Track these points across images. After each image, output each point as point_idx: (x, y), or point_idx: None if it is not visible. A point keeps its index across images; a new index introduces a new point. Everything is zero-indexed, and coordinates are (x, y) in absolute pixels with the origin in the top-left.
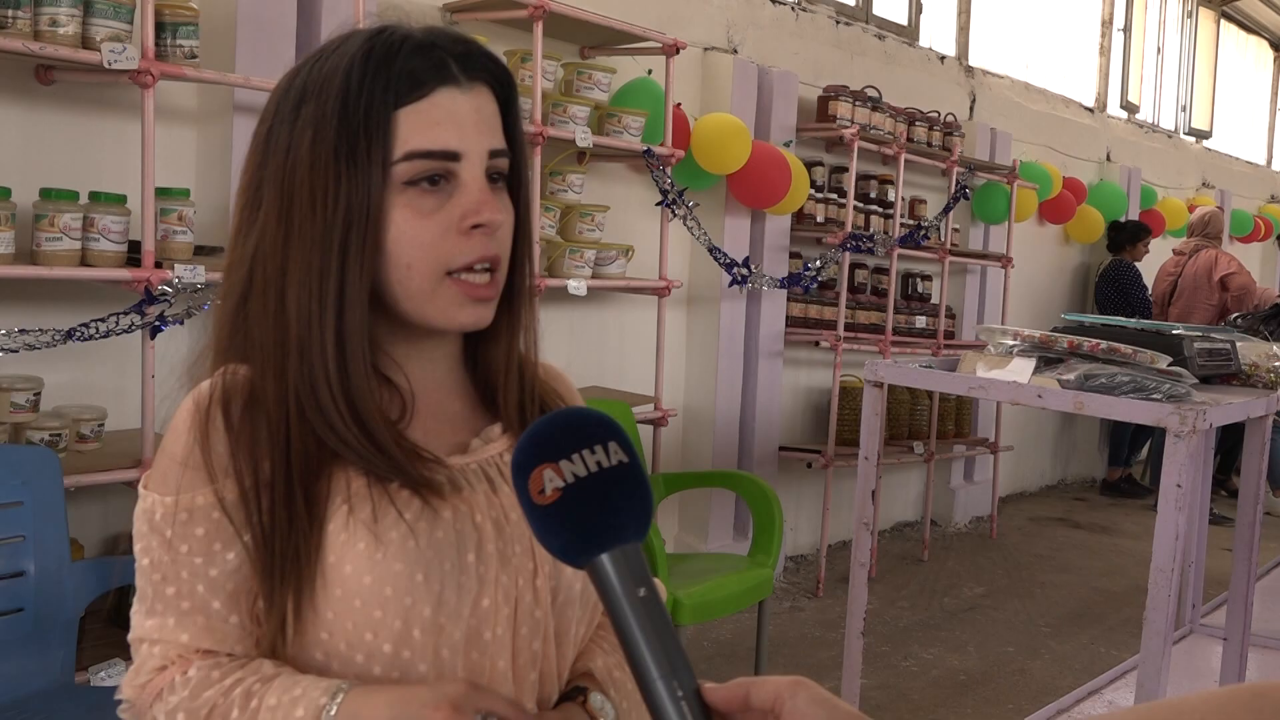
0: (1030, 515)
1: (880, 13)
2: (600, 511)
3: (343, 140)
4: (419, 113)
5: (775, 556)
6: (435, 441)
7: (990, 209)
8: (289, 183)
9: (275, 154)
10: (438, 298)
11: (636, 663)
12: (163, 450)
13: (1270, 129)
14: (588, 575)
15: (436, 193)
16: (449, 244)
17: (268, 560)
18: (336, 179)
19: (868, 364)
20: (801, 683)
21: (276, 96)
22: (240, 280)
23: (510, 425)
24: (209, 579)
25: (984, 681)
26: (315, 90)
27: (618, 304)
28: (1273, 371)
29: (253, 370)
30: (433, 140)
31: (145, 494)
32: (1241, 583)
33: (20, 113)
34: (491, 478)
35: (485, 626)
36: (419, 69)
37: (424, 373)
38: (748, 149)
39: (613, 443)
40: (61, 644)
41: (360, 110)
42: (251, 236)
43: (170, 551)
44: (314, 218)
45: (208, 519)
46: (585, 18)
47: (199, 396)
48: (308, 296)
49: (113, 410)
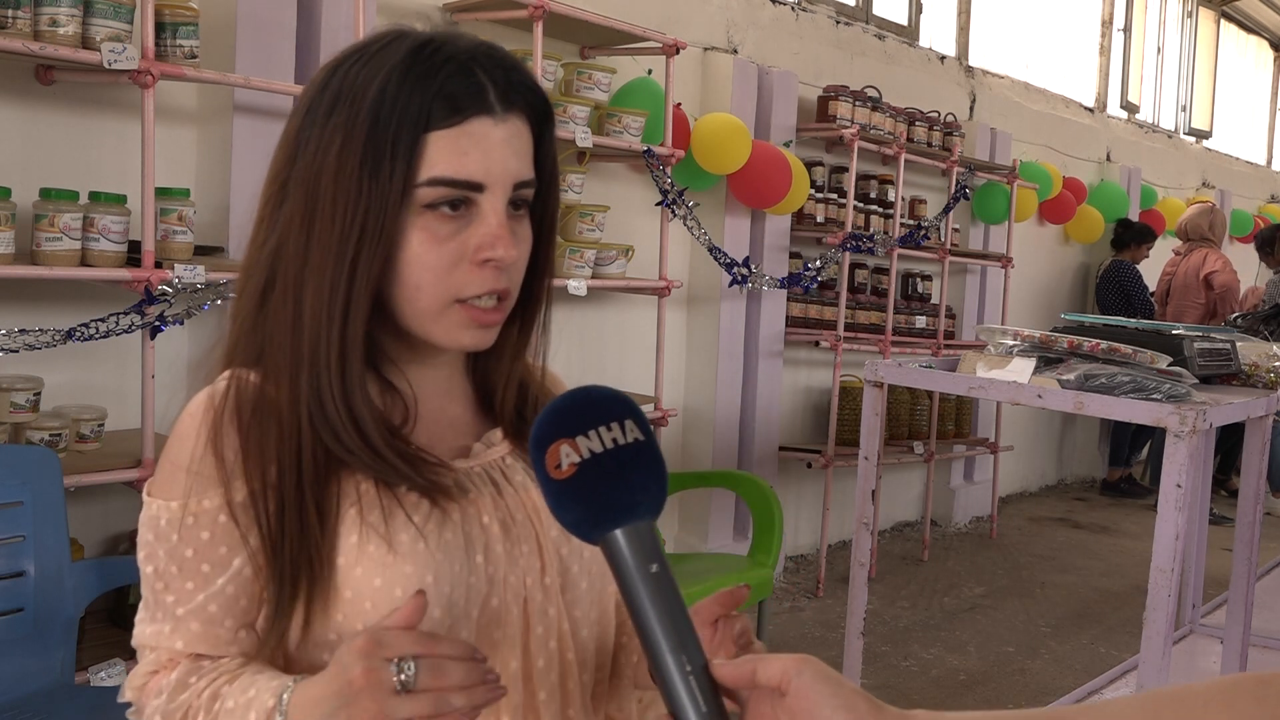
0: (1030, 515)
1: (880, 13)
2: (615, 488)
3: (368, 154)
4: (449, 139)
5: (775, 556)
6: (438, 445)
7: (990, 209)
8: (314, 186)
9: (304, 154)
10: (443, 320)
11: (647, 638)
12: (167, 456)
13: (1270, 129)
14: (601, 550)
15: (455, 219)
16: (460, 273)
17: (278, 566)
18: (358, 191)
19: (868, 364)
20: (808, 660)
21: (311, 93)
22: (259, 279)
23: (509, 431)
24: (211, 584)
25: (984, 681)
26: (350, 95)
27: (618, 304)
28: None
29: (265, 373)
30: (458, 169)
31: (150, 500)
32: (1241, 583)
33: (20, 113)
34: (496, 480)
35: (495, 626)
36: (456, 94)
37: (426, 378)
38: (748, 149)
39: (629, 420)
40: (61, 644)
41: (391, 127)
42: (274, 236)
43: (174, 558)
44: (332, 227)
45: (214, 523)
46: (585, 18)
47: (212, 399)
48: (320, 306)
49: (113, 410)
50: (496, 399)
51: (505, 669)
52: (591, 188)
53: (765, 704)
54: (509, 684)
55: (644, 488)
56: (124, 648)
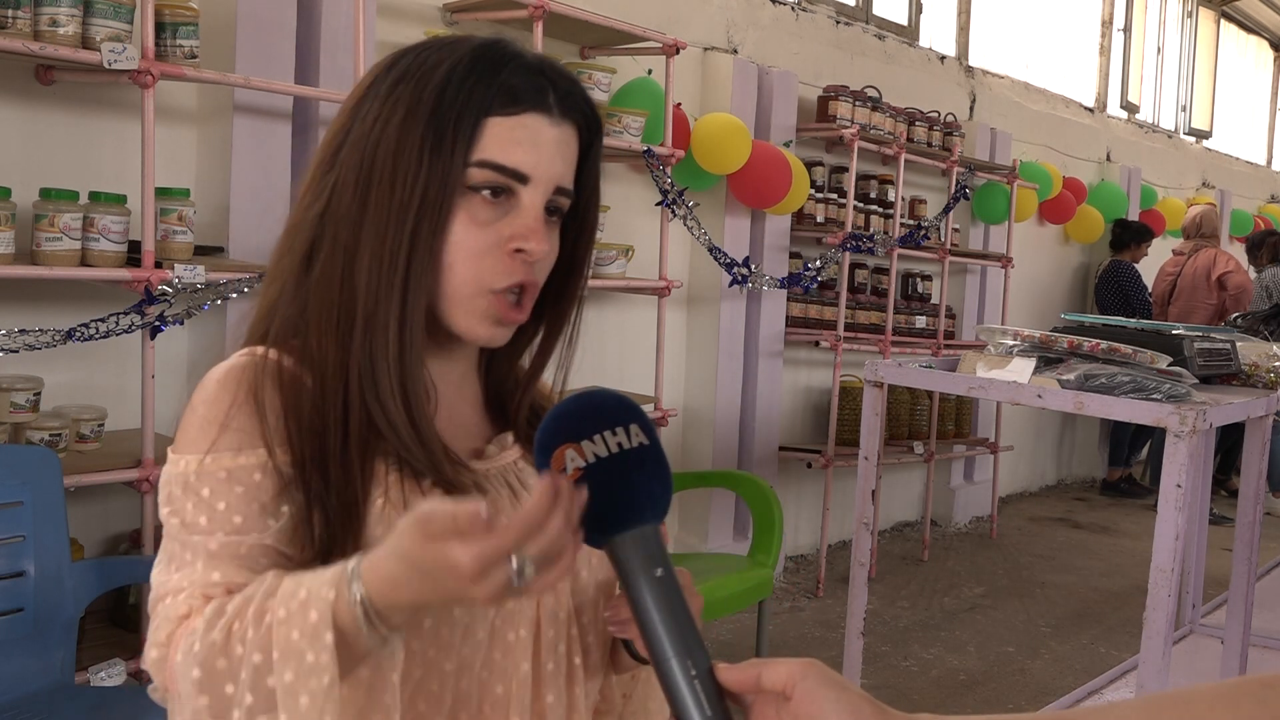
0: (1030, 515)
1: (880, 13)
2: (620, 492)
3: (430, 129)
4: (506, 126)
5: (775, 556)
6: (452, 444)
7: (990, 209)
8: (371, 153)
9: (362, 121)
10: (469, 306)
11: (651, 642)
12: (192, 417)
13: (1270, 129)
14: (606, 554)
15: (495, 205)
16: (491, 260)
17: (320, 538)
18: (419, 164)
19: (868, 364)
20: (813, 664)
21: (376, 71)
22: (305, 240)
23: (520, 436)
24: (245, 534)
25: (984, 681)
26: (416, 75)
27: (618, 304)
28: (1273, 371)
29: (310, 334)
30: (508, 156)
31: (176, 457)
32: (1241, 583)
33: (20, 113)
34: (511, 484)
35: (509, 627)
36: (520, 87)
37: (444, 372)
38: (748, 149)
39: (634, 425)
40: (61, 644)
41: (456, 105)
42: (322, 198)
43: (203, 509)
44: (391, 195)
45: (249, 479)
46: (585, 18)
47: (236, 365)
48: (378, 271)
49: (113, 410)
50: (511, 403)
51: (516, 671)
52: None
53: (770, 708)
54: (519, 687)
55: (649, 492)
56: (124, 648)
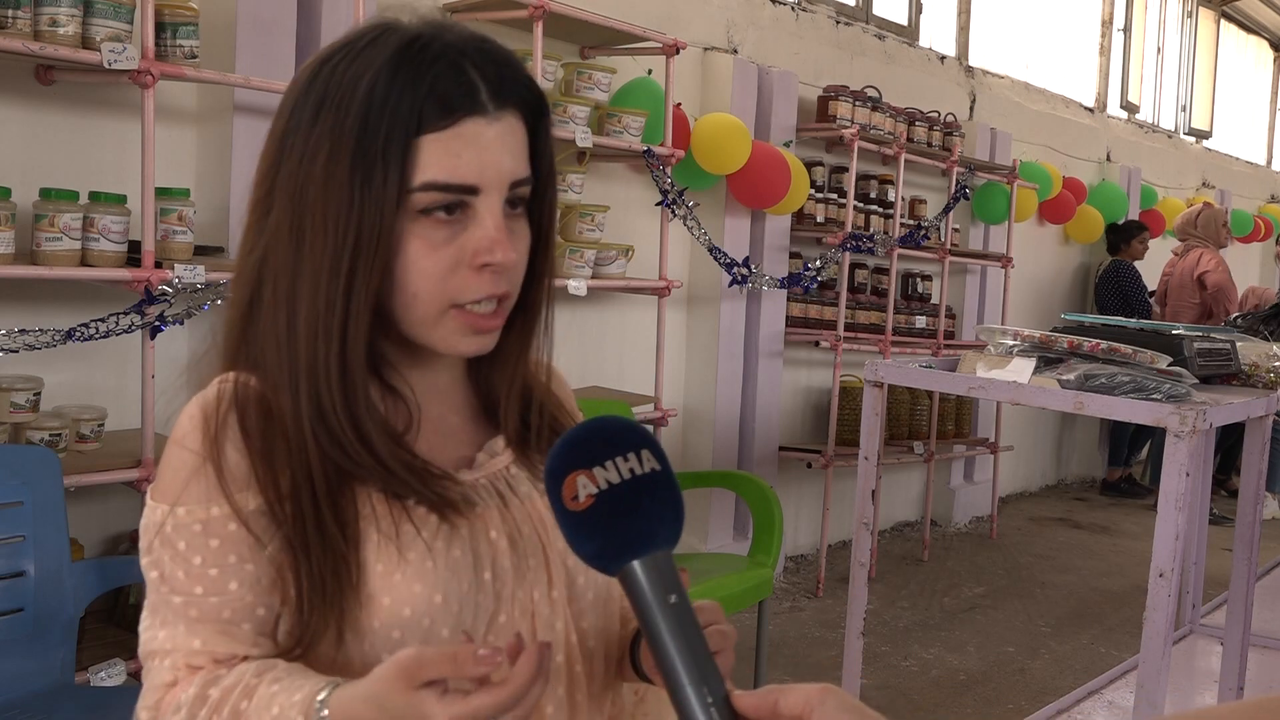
0: (1030, 515)
1: (880, 13)
2: (632, 518)
3: (358, 162)
4: (441, 141)
5: (775, 556)
6: (439, 455)
7: (990, 209)
8: (301, 196)
9: (289, 160)
10: (441, 326)
11: (667, 669)
12: (168, 460)
13: (1270, 129)
14: (619, 582)
15: (450, 223)
16: (458, 279)
17: (306, 576)
18: (350, 202)
19: (868, 364)
20: (830, 690)
21: (295, 94)
22: (248, 290)
23: (512, 440)
24: (223, 589)
25: (984, 681)
26: (335, 99)
27: (618, 304)
28: (1273, 371)
29: (264, 384)
30: (452, 173)
31: (153, 505)
32: (1241, 583)
33: (20, 113)
34: (502, 492)
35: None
36: (447, 94)
37: (427, 384)
38: (748, 149)
39: (645, 450)
40: (61, 644)
41: (381, 133)
42: (260, 246)
43: (180, 564)
44: (325, 239)
45: (223, 530)
46: (585, 18)
47: (207, 404)
48: (316, 320)
49: (113, 410)
50: (500, 407)
51: None
52: (591, 188)
53: None
54: None
55: (661, 518)
56: (124, 648)
